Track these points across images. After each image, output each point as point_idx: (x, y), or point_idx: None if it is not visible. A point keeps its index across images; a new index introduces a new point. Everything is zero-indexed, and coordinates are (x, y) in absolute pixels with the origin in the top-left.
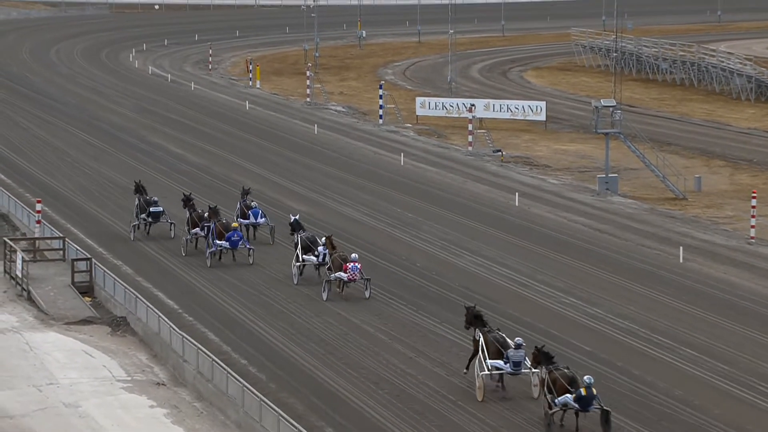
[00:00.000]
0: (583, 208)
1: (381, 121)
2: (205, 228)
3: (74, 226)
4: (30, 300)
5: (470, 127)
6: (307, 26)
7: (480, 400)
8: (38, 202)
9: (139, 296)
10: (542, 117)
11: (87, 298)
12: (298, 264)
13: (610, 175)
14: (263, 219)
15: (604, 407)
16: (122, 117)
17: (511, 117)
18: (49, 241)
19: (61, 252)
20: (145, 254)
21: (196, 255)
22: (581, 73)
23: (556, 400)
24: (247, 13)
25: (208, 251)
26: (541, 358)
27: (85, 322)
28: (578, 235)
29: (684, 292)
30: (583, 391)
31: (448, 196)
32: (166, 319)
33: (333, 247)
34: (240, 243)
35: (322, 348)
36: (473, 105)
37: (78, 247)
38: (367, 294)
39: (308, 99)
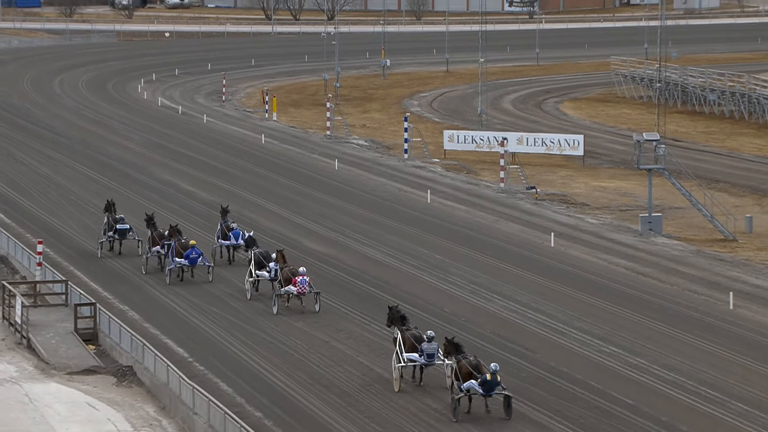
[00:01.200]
0: (624, 249)
1: (406, 155)
2: (166, 246)
3: (77, 268)
4: (30, 348)
5: (502, 162)
6: (327, 55)
7: (397, 390)
8: (39, 243)
9: (147, 344)
10: (580, 152)
11: (91, 346)
12: (251, 279)
13: (653, 215)
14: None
15: (507, 393)
16: (130, 152)
17: (546, 151)
18: (50, 285)
19: (64, 296)
20: (154, 299)
21: (210, 301)
22: (622, 104)
23: (462, 386)
24: (264, 41)
25: (167, 269)
26: (451, 349)
27: (89, 371)
28: (619, 278)
29: (734, 342)
30: (488, 376)
31: (478, 236)
32: (175, 369)
33: (284, 261)
34: (199, 260)
35: (342, 400)
36: (505, 138)
37: (81, 291)
38: (317, 308)
39: (328, 132)
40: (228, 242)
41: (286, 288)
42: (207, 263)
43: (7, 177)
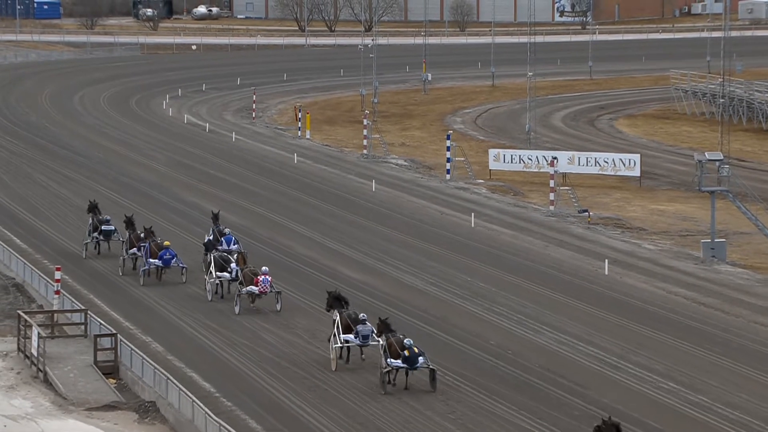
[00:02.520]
0: (684, 278)
1: (448, 176)
2: (142, 248)
3: (98, 297)
4: (46, 382)
5: (552, 183)
6: (364, 68)
7: (334, 369)
8: (57, 269)
9: (171, 378)
10: (636, 172)
11: (111, 380)
12: (211, 281)
13: (716, 240)
14: (236, 246)
15: (431, 366)
16: (154, 172)
17: (600, 172)
18: (68, 315)
19: (83, 327)
20: (178, 329)
21: (239, 332)
22: (682, 121)
23: (388, 361)
24: (296, 54)
25: (140, 269)
26: (383, 328)
27: (109, 407)
28: (679, 309)
29: None
30: (406, 353)
31: (525, 262)
32: (201, 405)
33: (244, 262)
34: (172, 261)
35: None
36: (555, 158)
37: (102, 322)
38: (278, 307)
39: (365, 151)
40: (220, 248)
41: (248, 288)
42: (181, 264)
43: (24, 199)
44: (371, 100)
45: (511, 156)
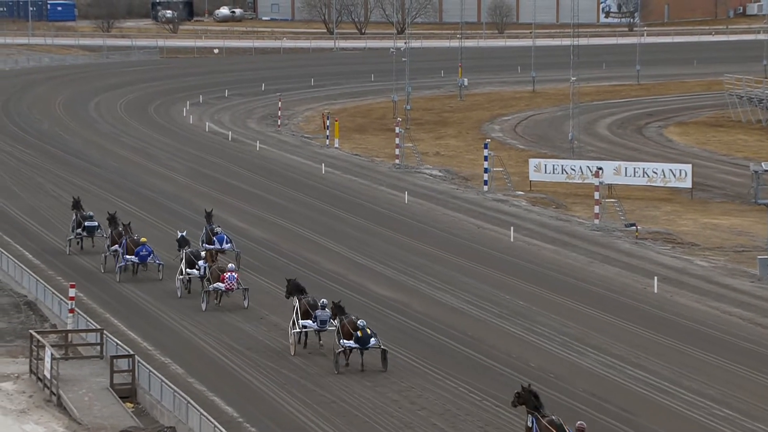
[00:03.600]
0: (739, 297)
1: (486, 187)
2: (123, 245)
3: (114, 315)
4: (60, 406)
5: (597, 195)
6: (396, 73)
7: (293, 354)
8: (72, 286)
9: (191, 402)
10: (687, 183)
11: (128, 404)
12: (181, 278)
13: None
14: (229, 245)
15: (382, 346)
16: (173, 183)
17: (649, 183)
18: (83, 335)
19: (99, 347)
20: (199, 350)
21: (260, 351)
22: (737, 129)
23: (341, 342)
24: (325, 58)
25: (117, 266)
26: (337, 311)
27: None
28: (734, 330)
29: None
30: (359, 333)
31: (568, 280)
32: (223, 430)
33: (213, 260)
34: (149, 258)
35: None
36: (600, 168)
37: (118, 342)
38: (245, 304)
39: (397, 161)
40: (212, 246)
41: (214, 285)
42: (157, 261)
43: (36, 212)
44: (404, 106)
45: (553, 166)
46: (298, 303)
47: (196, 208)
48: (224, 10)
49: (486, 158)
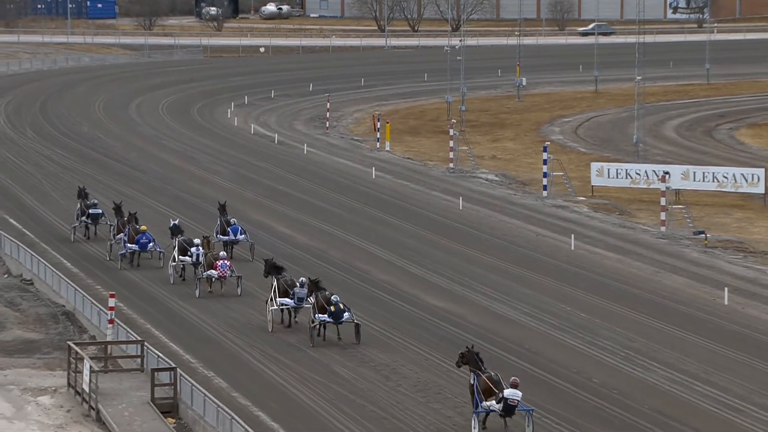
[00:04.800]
0: None
1: (545, 193)
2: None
3: (155, 326)
4: (99, 421)
5: (663, 201)
6: (451, 72)
7: (270, 330)
8: (111, 296)
9: (236, 417)
10: (760, 189)
11: (170, 420)
12: (174, 264)
13: None
14: (243, 236)
15: (355, 321)
16: (216, 188)
17: (719, 188)
18: (123, 346)
19: (139, 360)
20: (243, 363)
21: (309, 365)
22: None
23: (316, 316)
24: (375, 57)
25: (119, 254)
26: (313, 287)
27: None
28: None
29: None
30: (332, 308)
31: (633, 290)
32: None
33: (209, 248)
34: (149, 246)
35: None
36: (667, 173)
37: (160, 354)
38: (238, 291)
39: (451, 165)
40: (227, 238)
41: (207, 272)
42: (158, 249)
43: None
44: (458, 107)
45: (617, 170)
46: (276, 282)
47: (241, 214)
48: (271, 7)
49: (545, 162)
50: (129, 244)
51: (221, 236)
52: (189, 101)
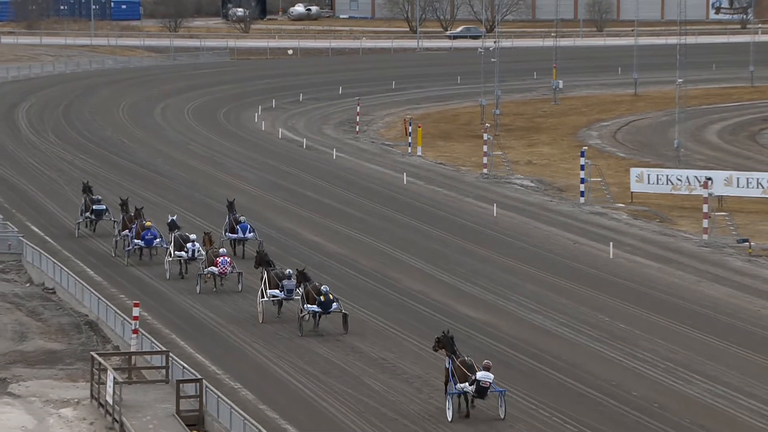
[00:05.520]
0: None
1: (583, 199)
2: (133, 230)
3: (180, 336)
4: None
5: (705, 208)
6: (485, 75)
7: (261, 322)
8: (136, 305)
9: (263, 430)
10: None
11: None
12: (169, 260)
13: None
14: (252, 234)
15: (343, 311)
16: (243, 194)
17: (763, 195)
18: (148, 357)
19: (164, 371)
20: (271, 374)
21: (338, 377)
22: None
23: (305, 306)
24: (407, 59)
25: (125, 250)
26: (302, 278)
27: None
28: None
29: None
30: (322, 298)
31: (674, 300)
32: None
33: (211, 244)
34: (155, 242)
35: None
36: (709, 179)
37: (185, 365)
38: (239, 287)
39: (485, 170)
40: (235, 236)
41: (208, 269)
42: (164, 245)
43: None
44: (493, 111)
45: (657, 176)
46: (266, 274)
47: (268, 221)
48: (299, 8)
49: (582, 167)
50: (135, 240)
51: (230, 234)
52: (215, 105)
